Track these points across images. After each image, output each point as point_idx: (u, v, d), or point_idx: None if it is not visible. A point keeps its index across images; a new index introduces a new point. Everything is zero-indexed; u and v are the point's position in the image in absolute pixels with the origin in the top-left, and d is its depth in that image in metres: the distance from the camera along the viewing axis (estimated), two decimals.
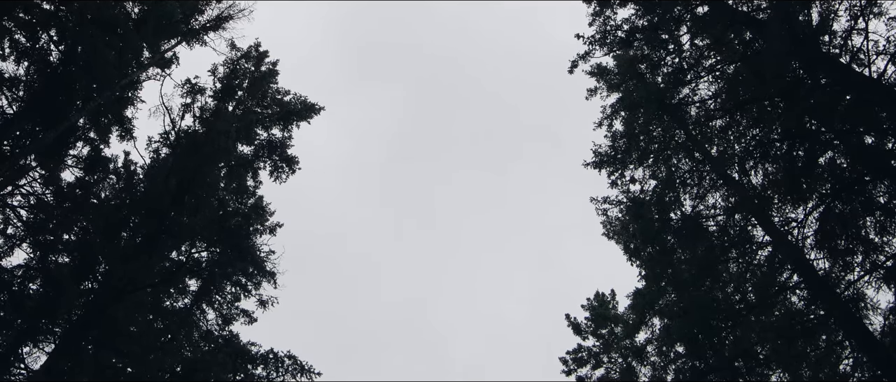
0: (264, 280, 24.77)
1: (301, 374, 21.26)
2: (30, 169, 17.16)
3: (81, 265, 18.33)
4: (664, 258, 20.92)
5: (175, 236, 20.89)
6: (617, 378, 28.35)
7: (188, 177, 20.77)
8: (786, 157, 16.16)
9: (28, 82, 16.86)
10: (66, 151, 17.91)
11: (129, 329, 19.02)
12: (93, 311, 17.82)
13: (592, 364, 29.62)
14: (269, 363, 21.63)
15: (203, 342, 22.98)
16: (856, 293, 15.24)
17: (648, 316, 24.77)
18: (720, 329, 19.46)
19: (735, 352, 19.62)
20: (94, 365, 17.89)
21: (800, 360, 16.70)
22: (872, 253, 14.77)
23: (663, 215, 20.10)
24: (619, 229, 24.46)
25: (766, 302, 17.49)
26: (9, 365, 16.21)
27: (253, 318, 25.25)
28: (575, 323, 31.24)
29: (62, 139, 17.78)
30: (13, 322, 16.41)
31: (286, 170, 24.81)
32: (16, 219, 16.88)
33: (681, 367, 21.94)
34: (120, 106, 20.50)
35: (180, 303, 22.83)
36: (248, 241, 23.77)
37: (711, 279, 19.13)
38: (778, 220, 17.07)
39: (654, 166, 20.63)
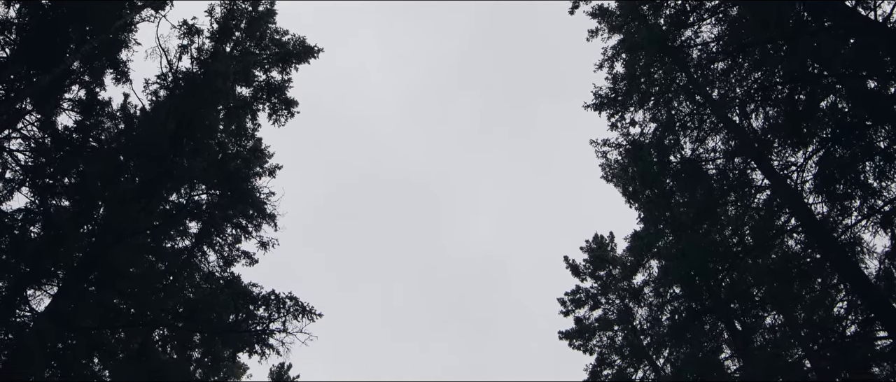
0: (265, 222, 24.91)
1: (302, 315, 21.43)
2: (26, 113, 17.04)
3: (81, 208, 18.36)
4: (663, 201, 20.98)
5: (174, 179, 20.86)
6: (614, 318, 28.76)
7: (187, 119, 20.63)
8: (787, 101, 16.01)
9: (20, 25, 16.61)
10: (62, 95, 17.75)
11: (131, 271, 19.13)
12: (94, 254, 17.91)
13: (590, 305, 30.03)
14: (270, 303, 21.77)
15: (205, 283, 23.21)
16: (853, 237, 15.31)
17: (646, 258, 24.98)
18: (717, 271, 19.63)
19: (731, 294, 19.84)
20: (97, 307, 18.09)
21: (795, 302, 16.86)
22: (871, 198, 14.76)
23: (663, 158, 20.03)
24: (618, 172, 24.49)
25: (763, 245, 17.57)
26: (13, 307, 16.37)
27: (254, 260, 25.50)
28: (573, 265, 31.53)
29: (57, 82, 17.60)
30: (15, 266, 16.51)
31: (285, 113, 24.67)
32: (14, 164, 16.86)
33: (677, 308, 22.22)
34: (114, 48, 20.23)
35: (181, 245, 23.01)
36: (247, 183, 23.80)
37: (710, 222, 19.19)
38: (777, 164, 17.02)
39: (654, 109, 20.47)
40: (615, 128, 21.83)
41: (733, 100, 18.14)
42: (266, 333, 21.07)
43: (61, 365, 17.65)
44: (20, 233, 16.83)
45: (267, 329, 21.10)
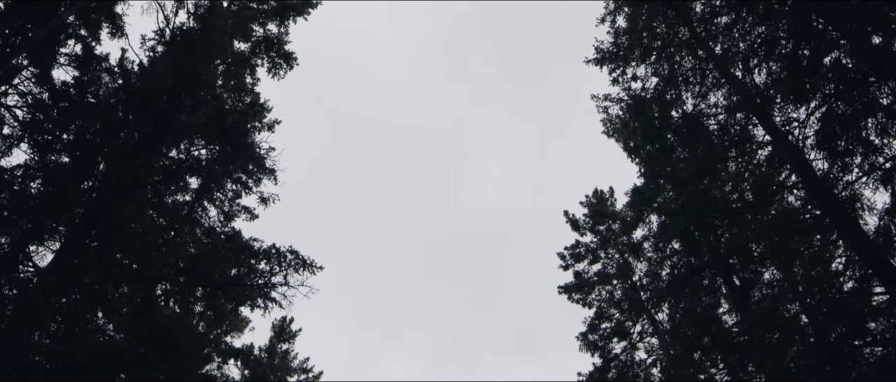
0: (264, 177, 24.92)
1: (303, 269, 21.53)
2: (22, 68, 16.90)
3: (81, 164, 18.34)
4: (664, 156, 20.92)
5: (174, 134, 20.79)
6: (613, 272, 28.95)
7: (185, 74, 20.45)
8: (790, 56, 15.87)
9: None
10: (58, 49, 17.58)
11: (132, 227, 19.18)
12: (95, 209, 17.95)
13: (590, 260, 30.21)
14: (271, 258, 21.87)
15: (206, 238, 23.32)
16: (852, 194, 15.31)
17: (646, 213, 25.03)
18: (716, 226, 19.68)
19: (730, 249, 19.93)
20: (99, 262, 18.20)
21: (793, 258, 16.96)
22: (872, 155, 14.73)
23: (664, 113, 19.94)
24: (619, 127, 24.40)
25: (763, 201, 17.59)
26: (16, 263, 16.47)
27: (254, 215, 25.59)
28: (573, 220, 31.62)
29: (53, 37, 17.41)
30: (17, 222, 16.56)
31: (284, 67, 24.46)
32: (12, 119, 16.78)
33: (676, 263, 22.33)
34: (110, 1, 19.97)
35: (182, 201, 23.05)
36: (246, 138, 23.74)
37: (710, 177, 19.18)
38: (779, 120, 16.95)
39: (656, 64, 20.30)
40: (617, 82, 21.66)
41: (736, 54, 17.98)
42: (268, 287, 21.21)
43: (66, 320, 17.83)
44: (20, 189, 16.83)
45: (268, 283, 21.24)
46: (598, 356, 27.77)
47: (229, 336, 25.78)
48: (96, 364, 17.54)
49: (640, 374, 26.98)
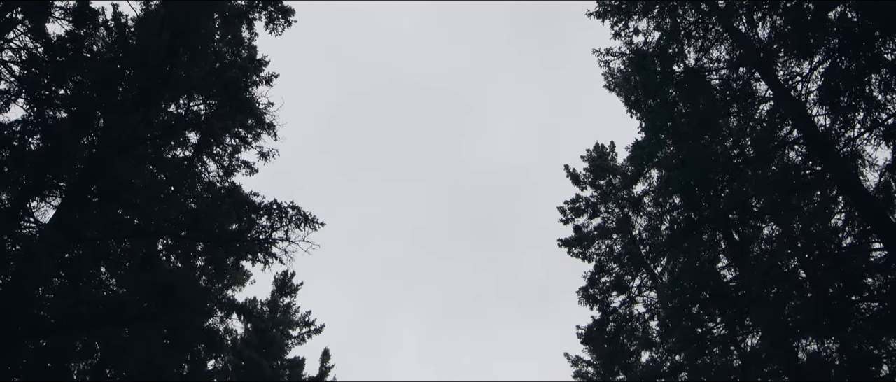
0: (264, 131, 24.86)
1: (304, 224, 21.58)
2: (17, 22, 16.68)
3: (79, 119, 18.25)
4: (665, 111, 20.79)
5: (172, 89, 20.66)
6: (613, 227, 29.04)
7: (182, 28, 20.20)
8: (794, 10, 15.65)
9: None
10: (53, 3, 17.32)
11: (133, 182, 19.19)
12: (95, 165, 17.92)
13: (590, 214, 30.27)
14: (272, 213, 21.93)
15: (206, 193, 23.34)
16: (854, 150, 15.24)
17: (647, 167, 24.99)
18: (716, 181, 19.66)
19: (730, 205, 19.94)
20: (101, 218, 18.24)
21: (793, 214, 16.97)
22: (874, 111, 14.61)
23: (666, 67, 19.76)
24: (620, 81, 24.19)
25: (764, 156, 17.54)
26: (18, 219, 16.51)
27: (254, 169, 25.60)
28: (574, 174, 31.59)
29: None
30: (17, 178, 16.56)
31: (282, 22, 24.11)
32: (8, 74, 16.63)
33: (676, 217, 22.39)
34: None
35: (181, 156, 23.02)
36: (245, 93, 23.60)
37: (711, 132, 19.11)
38: (782, 75, 16.80)
39: (658, 17, 20.05)
40: (618, 36, 21.43)
41: (740, 8, 17.75)
42: (269, 242, 21.30)
43: (69, 275, 17.95)
44: (20, 145, 16.78)
45: (269, 238, 21.32)
46: (597, 309, 28.03)
47: (231, 291, 26.00)
48: (100, 318, 17.73)
49: (639, 327, 27.27)
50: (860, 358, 15.72)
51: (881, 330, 14.99)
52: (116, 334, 18.43)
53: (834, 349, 16.69)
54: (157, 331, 19.23)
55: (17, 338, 16.27)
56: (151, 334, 18.75)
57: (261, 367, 27.47)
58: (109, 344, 18.19)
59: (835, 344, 16.56)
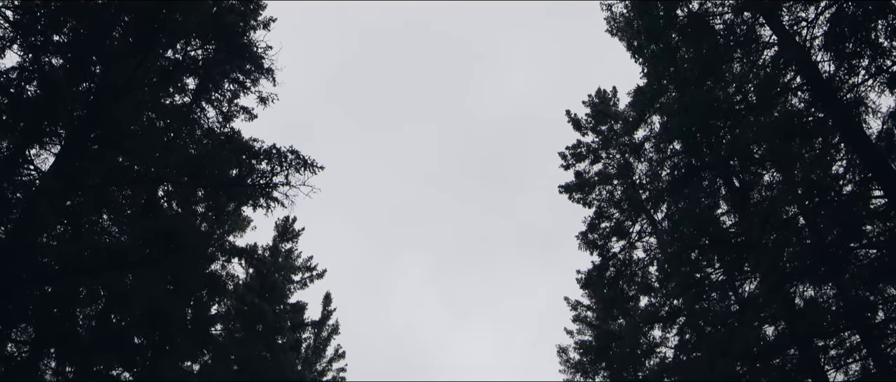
0: (262, 76, 24.63)
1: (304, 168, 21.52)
2: None
3: (76, 66, 18.06)
4: (668, 56, 20.59)
5: (169, 34, 20.37)
6: (614, 172, 29.02)
7: None
8: None
9: None
10: None
11: (132, 129, 19.11)
12: (94, 112, 17.82)
13: (591, 160, 30.21)
14: (272, 158, 21.84)
15: (206, 139, 23.24)
16: (857, 96, 15.11)
17: (648, 113, 24.87)
18: (718, 127, 19.60)
19: (731, 151, 19.91)
20: (101, 165, 18.23)
21: (794, 160, 16.93)
22: (880, 58, 14.45)
23: (669, 12, 19.49)
24: (623, 25, 23.88)
25: (766, 102, 17.41)
26: (18, 167, 16.49)
27: (253, 115, 25.47)
28: (575, 119, 31.43)
29: None
30: (16, 125, 16.47)
31: None
32: (2, 20, 16.39)
33: (676, 163, 22.37)
34: None
35: (180, 102, 22.86)
36: (243, 38, 23.31)
37: (714, 78, 18.96)
38: (787, 20, 16.57)
39: None
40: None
41: None
42: (269, 186, 21.29)
43: (71, 222, 18.03)
44: (17, 92, 16.64)
45: (270, 183, 21.30)
46: (596, 254, 28.21)
47: (232, 236, 26.13)
48: (103, 264, 17.88)
49: (638, 272, 27.50)
50: (856, 304, 15.89)
51: (878, 277, 15.10)
52: (120, 280, 18.59)
53: (831, 295, 16.87)
54: (160, 277, 19.39)
55: (22, 285, 16.43)
56: (154, 279, 18.91)
57: (263, 312, 27.82)
58: (113, 290, 18.38)
59: (832, 290, 16.73)
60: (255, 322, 27.90)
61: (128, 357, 19.13)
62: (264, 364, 27.54)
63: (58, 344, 17.45)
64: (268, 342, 28.33)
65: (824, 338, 17.54)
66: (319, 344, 40.85)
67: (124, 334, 19.05)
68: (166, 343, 20.11)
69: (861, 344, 16.81)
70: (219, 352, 23.92)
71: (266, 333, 28.20)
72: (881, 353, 16.18)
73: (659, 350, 26.53)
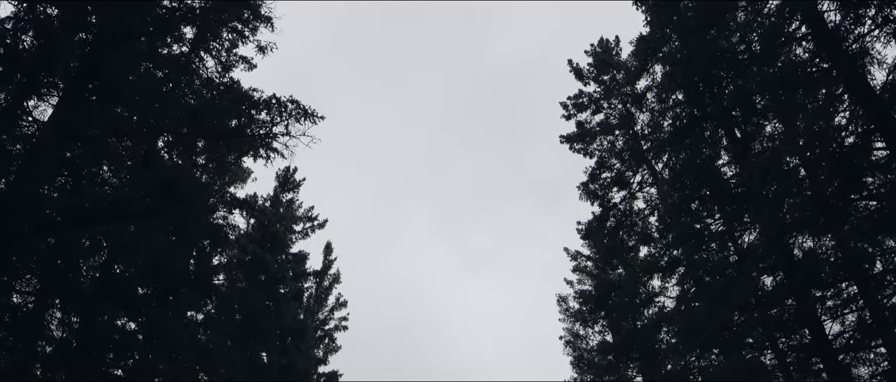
0: (261, 25, 24.30)
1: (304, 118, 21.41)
2: None
3: (72, 15, 17.83)
4: (671, 4, 20.31)
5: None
6: (615, 123, 28.89)
7: None
8: None
9: None
10: None
11: (130, 80, 18.96)
12: (92, 62, 17.67)
13: (592, 110, 30.03)
14: (271, 108, 21.71)
15: (205, 89, 23.07)
16: (862, 47, 14.92)
17: (651, 62, 24.62)
18: (721, 77, 19.44)
19: (733, 101, 19.78)
20: (100, 116, 18.14)
21: (796, 111, 16.81)
22: (886, 8, 14.21)
23: None
24: None
25: (770, 52, 17.23)
26: (16, 119, 16.42)
27: (252, 64, 25.23)
28: (577, 69, 31.14)
29: None
30: (13, 77, 16.35)
31: None
32: None
33: (678, 114, 22.24)
34: None
35: (178, 52, 22.63)
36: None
37: (718, 27, 18.72)
38: None
39: None
40: None
41: None
42: (269, 137, 21.20)
43: (72, 173, 18.03)
44: (13, 43, 16.47)
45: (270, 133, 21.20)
46: (597, 204, 28.26)
47: (233, 187, 26.17)
48: (105, 215, 17.94)
49: (638, 223, 27.58)
50: (855, 256, 15.98)
51: (877, 229, 15.14)
52: (122, 231, 18.68)
53: (829, 246, 16.94)
54: (162, 228, 19.49)
55: (25, 236, 16.51)
56: (156, 230, 19.01)
57: (265, 262, 28.02)
58: (116, 242, 18.48)
59: (831, 242, 16.79)
60: (257, 272, 28.13)
61: (132, 307, 19.33)
62: (267, 313, 27.86)
63: (62, 295, 17.64)
64: (270, 291, 28.61)
65: (822, 289, 17.68)
66: (321, 294, 41.26)
67: (128, 284, 19.22)
68: (170, 293, 20.30)
69: (858, 295, 16.96)
70: (222, 302, 24.18)
71: (268, 283, 28.44)
72: (878, 304, 16.33)
73: (658, 300, 26.80)
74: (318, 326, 39.95)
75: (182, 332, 19.78)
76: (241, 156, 24.17)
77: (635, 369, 33.68)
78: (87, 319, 18.06)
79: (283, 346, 29.86)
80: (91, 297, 17.87)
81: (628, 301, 26.91)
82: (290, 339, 30.48)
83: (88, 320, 18.07)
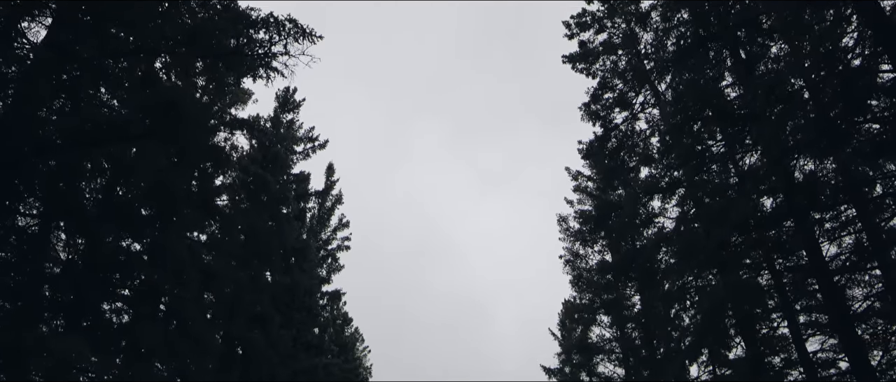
0: None
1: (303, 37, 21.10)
2: None
3: None
4: None
5: None
6: (619, 42, 28.44)
7: None
8: None
9: None
10: None
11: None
12: None
13: (595, 29, 29.49)
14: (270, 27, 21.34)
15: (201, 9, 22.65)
16: None
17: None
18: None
19: (739, 21, 19.47)
20: (95, 37, 17.88)
21: (803, 32, 16.53)
22: None
23: None
24: None
25: None
26: (10, 41, 16.16)
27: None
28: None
29: None
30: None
31: None
32: None
33: (683, 33, 21.93)
34: None
35: None
36: None
37: None
38: None
39: None
40: None
41: None
42: (268, 56, 20.92)
43: (69, 96, 17.89)
44: None
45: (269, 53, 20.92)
46: (599, 125, 28.09)
47: (234, 108, 25.99)
48: (105, 136, 17.89)
49: (640, 144, 27.49)
50: (855, 179, 15.98)
51: (879, 152, 15.09)
52: (123, 153, 18.66)
53: (830, 169, 16.93)
54: (164, 150, 19.46)
55: (26, 158, 16.51)
56: (158, 152, 18.99)
57: (267, 182, 28.08)
58: (117, 164, 18.48)
59: (832, 164, 16.78)
60: (259, 193, 28.25)
61: (135, 228, 19.50)
62: (270, 233, 28.12)
63: (66, 217, 17.76)
64: (273, 212, 28.79)
65: (821, 211, 17.78)
66: (324, 214, 41.58)
67: (130, 206, 19.32)
68: (173, 214, 20.43)
69: (856, 218, 17.06)
70: (225, 223, 24.36)
71: (270, 203, 28.60)
72: (875, 227, 16.44)
73: (657, 220, 26.98)
74: (320, 246, 40.41)
75: (186, 253, 19.98)
76: (240, 77, 23.91)
77: (633, 288, 34.24)
78: (92, 241, 18.24)
79: (287, 266, 30.27)
80: (94, 219, 18.00)
81: (628, 221, 27.06)
82: (293, 259, 30.87)
83: (93, 242, 18.25)
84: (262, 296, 26.89)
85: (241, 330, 25.47)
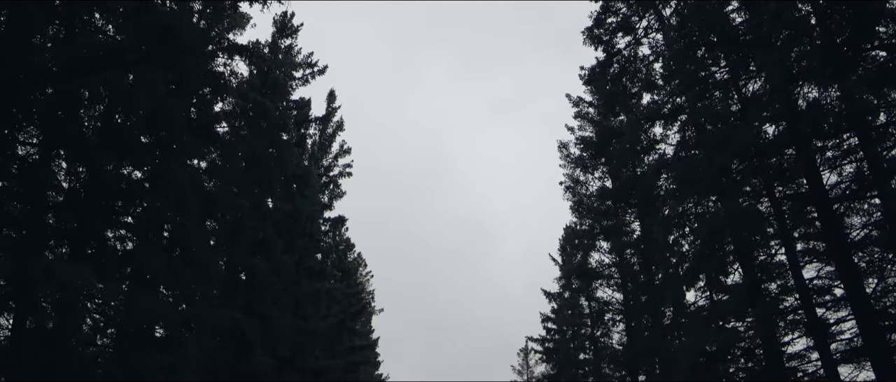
0: None
1: None
2: None
3: None
4: None
5: None
6: None
7: None
8: None
9: None
10: None
11: None
12: None
13: None
14: None
15: None
16: None
17: None
18: None
19: None
20: None
21: None
22: None
23: None
24: None
25: None
26: None
27: None
28: None
29: None
30: None
31: None
32: None
33: None
34: None
35: None
36: None
37: None
38: None
39: None
40: None
41: None
42: None
43: (63, 22, 17.60)
44: None
45: None
46: (601, 50, 27.61)
47: (232, 34, 25.55)
48: (101, 62, 17.68)
49: (642, 69, 27.11)
50: (858, 107, 15.83)
51: (885, 80, 14.92)
52: (121, 80, 18.45)
53: (834, 96, 16.76)
54: (162, 76, 19.24)
55: (23, 86, 16.36)
56: (156, 79, 18.77)
57: (266, 109, 27.85)
58: (115, 91, 18.30)
59: (836, 92, 16.60)
60: (259, 120, 28.08)
61: (135, 156, 19.48)
62: (270, 159, 28.11)
63: (66, 145, 17.72)
64: (273, 138, 28.68)
65: (823, 139, 17.69)
66: (325, 141, 41.47)
67: (130, 134, 19.24)
68: (173, 142, 20.37)
69: (858, 147, 16.98)
70: (225, 150, 24.33)
71: (270, 130, 28.45)
72: (877, 156, 16.38)
73: (659, 147, 26.87)
74: (322, 173, 40.45)
75: (188, 180, 19.99)
76: (237, 1, 23.56)
77: (633, 214, 34.44)
78: (93, 169, 18.24)
79: (288, 192, 30.35)
80: (94, 147, 17.96)
81: (629, 147, 26.95)
82: (294, 185, 30.93)
83: (94, 170, 18.26)
84: (265, 223, 27.06)
85: (243, 257, 25.74)
